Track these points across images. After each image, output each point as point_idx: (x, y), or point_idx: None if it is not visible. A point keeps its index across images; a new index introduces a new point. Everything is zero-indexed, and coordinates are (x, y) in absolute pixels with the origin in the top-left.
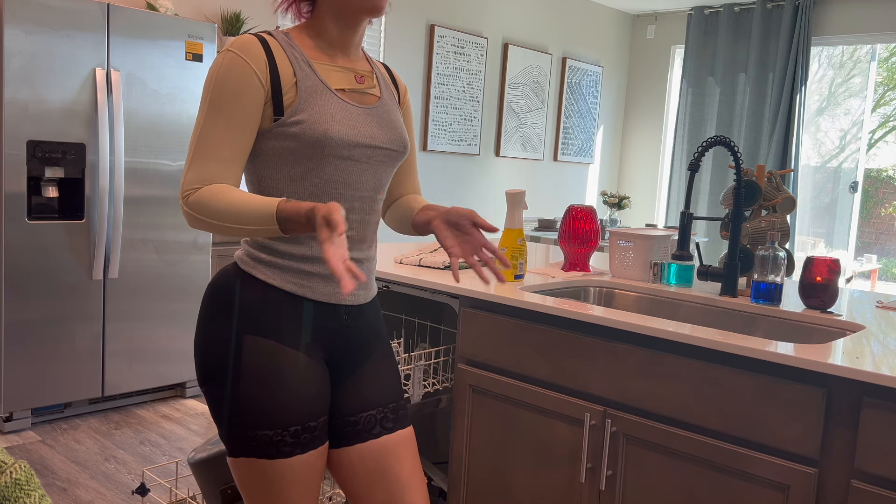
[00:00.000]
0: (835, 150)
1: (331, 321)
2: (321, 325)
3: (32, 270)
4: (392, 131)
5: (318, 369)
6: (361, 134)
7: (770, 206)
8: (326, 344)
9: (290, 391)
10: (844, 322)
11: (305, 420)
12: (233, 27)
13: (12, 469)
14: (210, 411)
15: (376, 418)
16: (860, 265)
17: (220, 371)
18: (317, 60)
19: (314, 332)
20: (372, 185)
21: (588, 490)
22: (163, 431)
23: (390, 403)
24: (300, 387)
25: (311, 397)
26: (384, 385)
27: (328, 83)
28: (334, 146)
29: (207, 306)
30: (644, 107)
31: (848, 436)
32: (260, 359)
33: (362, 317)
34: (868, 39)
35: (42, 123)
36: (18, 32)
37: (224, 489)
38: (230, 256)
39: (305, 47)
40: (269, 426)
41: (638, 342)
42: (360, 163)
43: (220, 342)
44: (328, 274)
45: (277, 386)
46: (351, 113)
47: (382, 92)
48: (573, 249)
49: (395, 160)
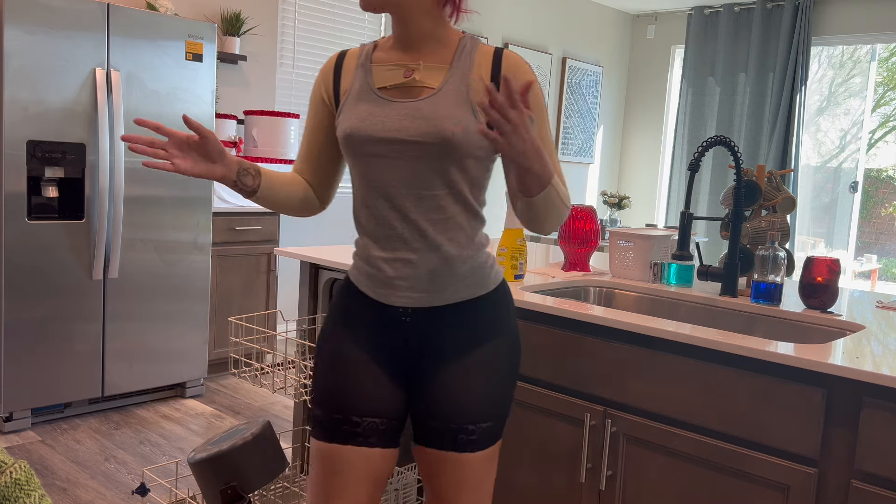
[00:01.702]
0: (835, 150)
1: (391, 323)
2: (384, 326)
3: (32, 270)
4: (427, 123)
5: (379, 373)
6: (385, 129)
7: (770, 206)
8: (391, 346)
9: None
10: (844, 322)
11: (337, 413)
12: (233, 27)
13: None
14: None
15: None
16: (860, 265)
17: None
18: (384, 62)
19: (377, 333)
20: (408, 181)
21: (588, 490)
22: (163, 431)
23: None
24: (350, 380)
25: (361, 394)
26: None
27: (374, 83)
28: (356, 144)
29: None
30: (644, 107)
31: (848, 436)
32: (322, 342)
33: (439, 322)
34: (868, 39)
35: (42, 123)
36: (18, 32)
37: (224, 489)
38: (230, 256)
39: (384, 50)
40: (317, 404)
41: (638, 342)
42: (389, 158)
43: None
44: (380, 275)
45: (325, 372)
46: (381, 109)
47: (447, 83)
48: (573, 249)
49: (437, 154)
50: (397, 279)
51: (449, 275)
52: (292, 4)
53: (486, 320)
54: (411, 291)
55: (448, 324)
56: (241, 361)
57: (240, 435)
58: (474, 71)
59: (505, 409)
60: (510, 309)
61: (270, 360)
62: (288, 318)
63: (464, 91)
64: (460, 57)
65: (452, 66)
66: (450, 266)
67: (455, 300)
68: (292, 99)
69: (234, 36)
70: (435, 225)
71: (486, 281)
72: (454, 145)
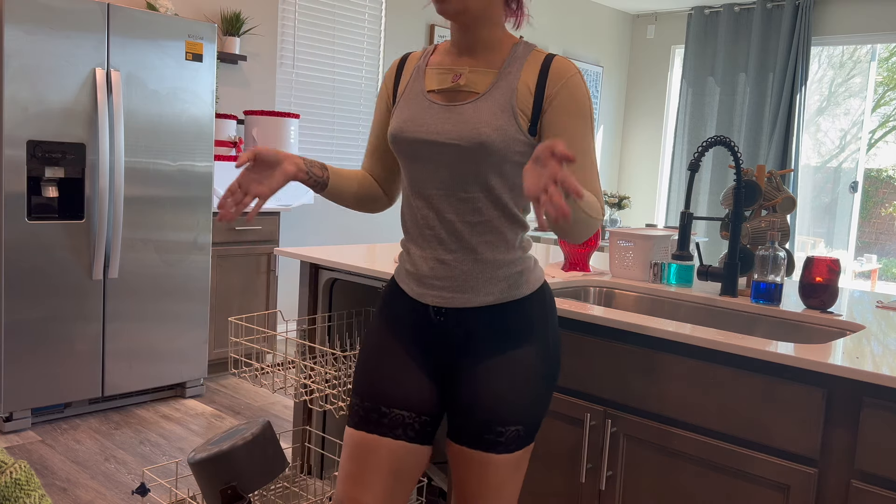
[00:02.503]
0: (835, 150)
1: (423, 320)
2: (417, 323)
3: (32, 270)
4: (468, 127)
5: (413, 366)
6: (425, 131)
7: (770, 206)
8: (424, 341)
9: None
10: (844, 322)
11: (369, 401)
12: (233, 27)
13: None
14: None
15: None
16: (860, 265)
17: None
18: (438, 65)
19: (413, 328)
20: (447, 183)
21: (588, 490)
22: (163, 431)
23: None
24: (377, 368)
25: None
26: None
27: (425, 86)
28: (399, 144)
29: None
30: (644, 107)
31: (848, 436)
32: (368, 337)
33: (471, 322)
34: (868, 39)
35: (42, 123)
36: (18, 32)
37: (224, 489)
38: (230, 256)
39: (441, 53)
40: (354, 393)
41: (638, 342)
42: (429, 160)
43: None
44: (416, 273)
45: (363, 362)
46: (426, 111)
47: (493, 88)
48: (573, 249)
49: (473, 157)
50: (433, 278)
51: (483, 277)
52: (292, 4)
53: (518, 324)
54: (444, 291)
55: (480, 325)
56: (241, 361)
57: (240, 435)
58: (521, 78)
59: (536, 416)
60: (548, 314)
61: (270, 360)
62: (288, 318)
63: (508, 97)
64: (510, 63)
65: (501, 71)
66: (484, 268)
67: (488, 302)
68: (292, 99)
69: (234, 36)
70: (472, 227)
71: (522, 285)
72: (491, 149)
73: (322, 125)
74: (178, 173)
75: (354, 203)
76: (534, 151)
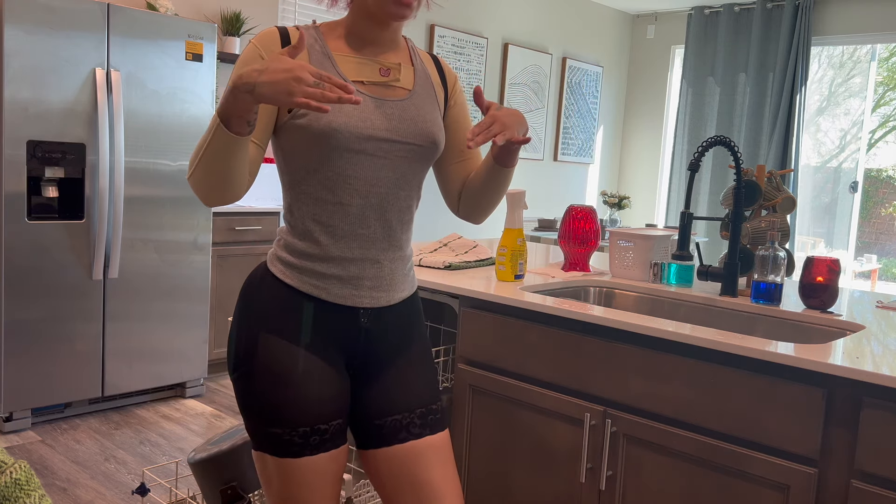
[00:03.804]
0: (835, 150)
1: (348, 324)
2: (338, 328)
3: (32, 270)
4: (417, 125)
5: (333, 372)
6: (374, 127)
7: (770, 206)
8: (345, 346)
9: (300, 392)
10: (844, 322)
11: (314, 422)
12: (233, 27)
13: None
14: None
15: (402, 423)
16: (860, 265)
17: (242, 365)
18: (341, 52)
19: (331, 335)
20: (391, 181)
21: (588, 490)
22: (163, 431)
23: (418, 409)
24: (311, 388)
25: (322, 400)
26: (412, 390)
27: (345, 75)
28: (341, 139)
29: (238, 301)
30: (644, 107)
31: (848, 436)
32: (272, 357)
33: (387, 319)
34: (868, 39)
35: (42, 123)
36: (18, 32)
37: (224, 489)
38: (230, 256)
39: (333, 39)
40: (278, 424)
41: (638, 342)
42: (374, 157)
43: (244, 337)
44: (344, 276)
45: (287, 386)
46: (365, 105)
47: (417, 85)
48: (573, 249)
49: (423, 156)
50: (363, 279)
51: (402, 273)
52: (292, 4)
53: (417, 313)
54: (374, 291)
55: (395, 319)
56: None
57: (240, 435)
58: (430, 73)
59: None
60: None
61: None
62: None
63: (431, 93)
64: (414, 58)
65: (416, 67)
66: (404, 264)
67: (403, 298)
68: None
69: (234, 36)
70: (402, 225)
71: (414, 277)
72: (440, 148)
73: None
74: (178, 173)
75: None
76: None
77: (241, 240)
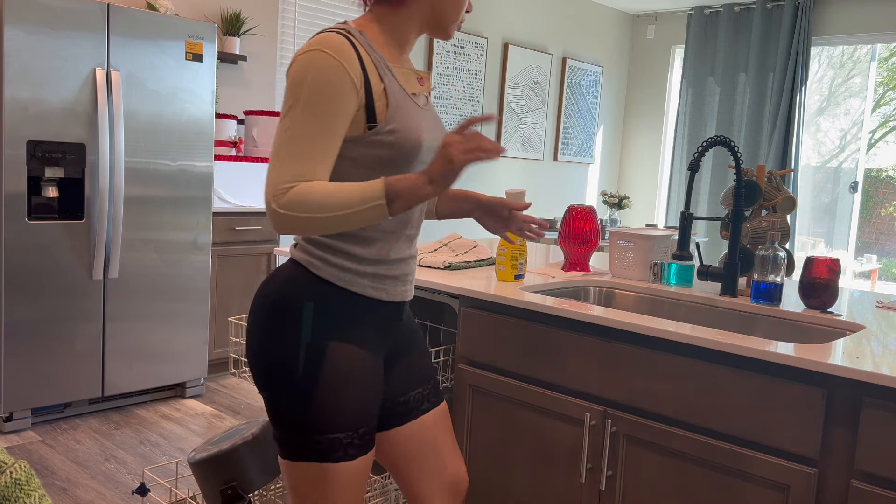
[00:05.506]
0: (835, 150)
1: (395, 318)
2: (388, 324)
3: (32, 270)
4: (443, 131)
5: (381, 368)
6: (437, 139)
7: (770, 206)
8: (389, 341)
9: (365, 393)
10: (844, 322)
11: (371, 420)
12: (233, 27)
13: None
14: (269, 414)
15: (423, 395)
16: (860, 265)
17: (291, 376)
18: (394, 63)
19: (382, 332)
20: None
21: (588, 490)
22: (163, 431)
23: (430, 380)
24: (371, 388)
25: (376, 398)
26: (425, 362)
27: (406, 88)
28: (423, 153)
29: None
30: (644, 107)
31: (848, 436)
32: (341, 363)
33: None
34: (868, 39)
35: (42, 123)
36: (18, 32)
37: (224, 489)
38: (230, 256)
39: (379, 46)
40: (342, 428)
41: (638, 342)
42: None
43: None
44: (399, 275)
45: (356, 389)
46: (425, 118)
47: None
48: (573, 249)
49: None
50: (409, 275)
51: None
52: (292, 4)
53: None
54: (412, 284)
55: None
56: (241, 361)
57: (240, 435)
58: None
59: None
60: None
61: None
62: None
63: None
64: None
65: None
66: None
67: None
68: None
69: (234, 36)
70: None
71: None
72: None
73: None
74: (178, 173)
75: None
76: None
77: (241, 240)
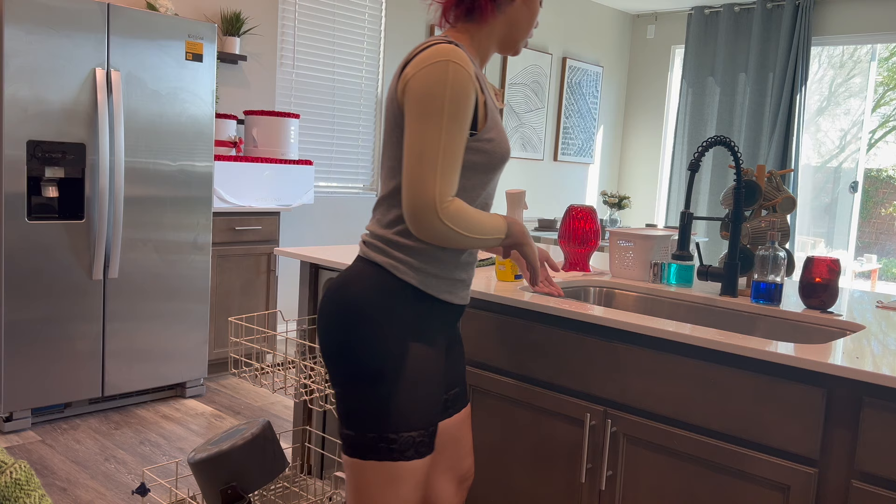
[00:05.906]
0: (835, 150)
1: (456, 320)
2: (452, 326)
3: (32, 270)
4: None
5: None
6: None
7: (770, 206)
8: (447, 342)
9: (436, 392)
10: (844, 322)
11: (438, 418)
12: (233, 27)
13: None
14: (342, 413)
15: (461, 393)
16: (860, 265)
17: (372, 376)
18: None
19: (446, 333)
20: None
21: (588, 490)
22: (163, 431)
23: (464, 380)
24: (440, 387)
25: (442, 396)
26: (462, 364)
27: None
28: (505, 161)
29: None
30: (644, 107)
31: (848, 436)
32: (419, 363)
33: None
34: (868, 39)
35: (42, 123)
36: (18, 32)
37: (224, 489)
38: (230, 256)
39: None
40: (416, 427)
41: (638, 342)
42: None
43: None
44: (467, 279)
45: (430, 388)
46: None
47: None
48: (573, 249)
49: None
50: (471, 280)
51: None
52: (292, 4)
53: None
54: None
55: None
56: (241, 361)
57: (240, 435)
58: None
59: None
60: None
61: (270, 360)
62: (288, 318)
63: None
64: None
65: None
66: None
67: None
68: (292, 99)
69: (234, 36)
70: None
71: None
72: None
73: (322, 125)
74: (178, 173)
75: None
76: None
77: (241, 240)
